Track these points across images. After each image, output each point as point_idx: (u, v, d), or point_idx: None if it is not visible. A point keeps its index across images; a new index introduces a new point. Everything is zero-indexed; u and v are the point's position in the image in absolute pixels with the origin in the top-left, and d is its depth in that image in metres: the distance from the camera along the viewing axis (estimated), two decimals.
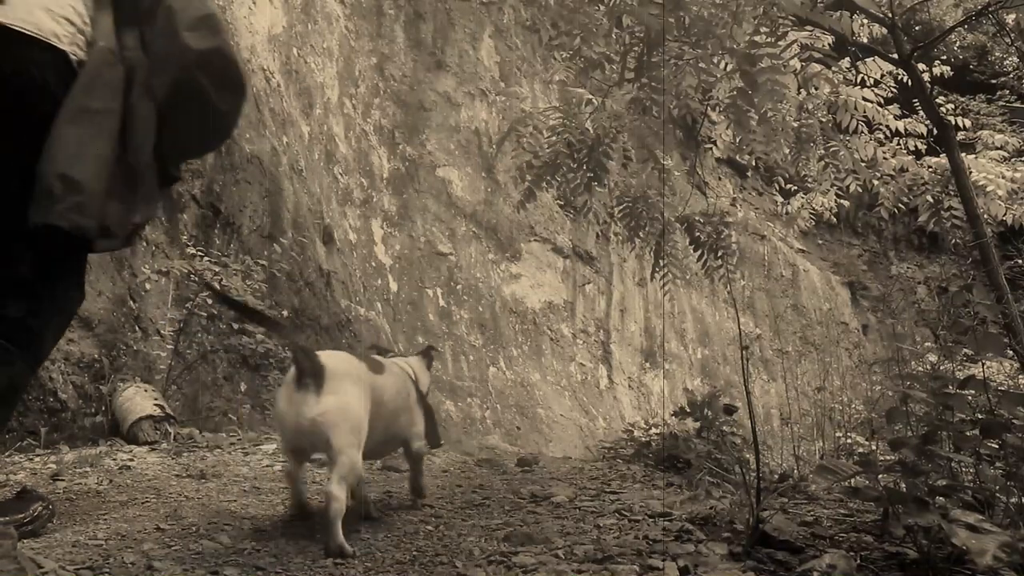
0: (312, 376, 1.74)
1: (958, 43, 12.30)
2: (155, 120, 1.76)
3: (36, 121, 1.57)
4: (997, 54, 12.23)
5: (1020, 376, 4.73)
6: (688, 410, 3.44)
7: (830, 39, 4.64)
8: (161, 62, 1.76)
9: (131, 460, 2.94)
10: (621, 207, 4.85)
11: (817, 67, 4.53)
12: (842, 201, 6.49)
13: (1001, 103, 11.19)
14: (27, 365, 1.73)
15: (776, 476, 2.78)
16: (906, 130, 5.41)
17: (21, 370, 1.71)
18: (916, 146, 5.52)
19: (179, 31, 1.75)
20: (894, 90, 5.23)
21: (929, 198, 5.46)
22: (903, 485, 1.54)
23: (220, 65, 1.82)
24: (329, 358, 1.80)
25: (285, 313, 4.80)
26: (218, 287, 3.59)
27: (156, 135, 1.77)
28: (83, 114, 1.61)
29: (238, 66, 1.91)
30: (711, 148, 5.99)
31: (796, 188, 6.80)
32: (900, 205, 5.62)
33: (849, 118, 5.05)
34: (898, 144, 5.53)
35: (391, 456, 2.74)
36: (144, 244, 4.06)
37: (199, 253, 4.18)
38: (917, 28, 10.55)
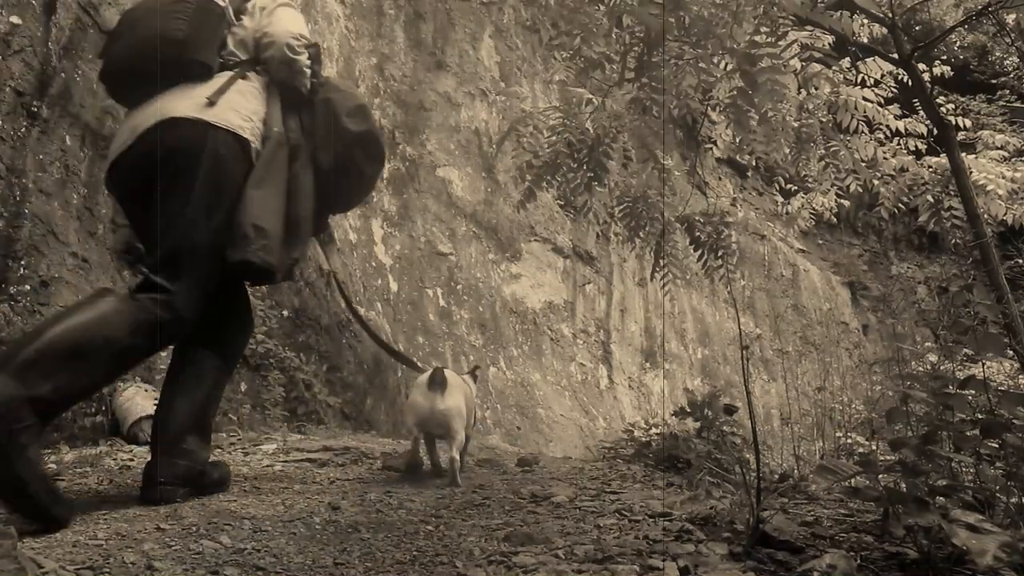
0: (440, 384, 2.62)
1: (958, 43, 12.30)
2: (313, 184, 2.36)
3: (228, 186, 2.19)
4: (997, 54, 12.23)
5: (1020, 376, 4.73)
6: (688, 410, 3.44)
7: (830, 39, 4.64)
8: (325, 140, 2.38)
9: (131, 460, 2.94)
10: (621, 207, 4.86)
11: (817, 67, 4.53)
12: (842, 201, 6.49)
13: (1001, 103, 11.20)
14: (226, 367, 2.44)
15: (776, 476, 2.78)
16: (906, 130, 5.41)
17: (223, 370, 2.41)
18: (916, 146, 5.52)
19: (340, 117, 2.40)
20: (894, 90, 5.24)
21: (929, 198, 5.46)
22: (903, 485, 1.54)
23: (371, 143, 2.50)
24: (449, 374, 2.69)
25: (286, 313, 4.80)
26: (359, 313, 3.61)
27: (316, 195, 2.36)
28: (264, 181, 2.23)
29: (382, 142, 2.62)
30: (711, 148, 5.99)
31: (796, 188, 6.80)
32: (900, 205, 5.62)
33: (849, 118, 5.05)
34: (898, 144, 5.53)
35: (391, 456, 3.20)
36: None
37: None
38: (917, 28, 10.56)
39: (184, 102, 2.17)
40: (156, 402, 3.05)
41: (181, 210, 2.14)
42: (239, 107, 2.24)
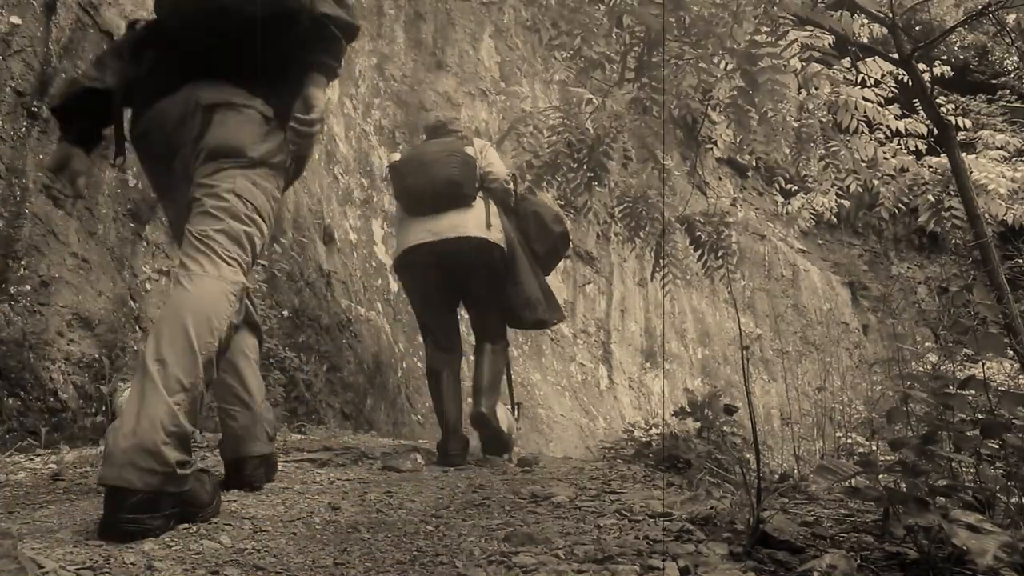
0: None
1: (958, 43, 12.31)
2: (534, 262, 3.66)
3: (501, 275, 3.51)
4: (997, 54, 12.24)
5: (1020, 376, 4.73)
6: (688, 410, 3.44)
7: (830, 39, 4.64)
8: (538, 238, 3.63)
9: None
10: (621, 207, 4.86)
11: (817, 67, 4.53)
12: (842, 201, 6.50)
13: (1001, 103, 11.20)
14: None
15: (777, 476, 2.78)
16: (906, 130, 5.41)
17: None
18: (916, 146, 5.52)
19: (547, 223, 3.66)
20: (894, 90, 5.24)
21: (930, 198, 5.46)
22: (903, 485, 1.54)
23: (566, 237, 3.81)
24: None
25: (286, 313, 4.80)
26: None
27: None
28: (525, 269, 3.54)
29: (569, 233, 3.92)
30: (711, 148, 5.98)
31: (796, 188, 6.80)
32: (900, 205, 5.62)
33: (849, 118, 5.05)
34: (898, 144, 5.53)
35: (392, 456, 3.23)
36: (144, 244, 4.06)
37: None
38: (917, 28, 10.56)
39: (469, 223, 3.36)
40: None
41: (483, 291, 3.52)
42: (496, 225, 3.44)
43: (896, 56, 4.65)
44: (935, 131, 4.77)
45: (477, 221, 3.33)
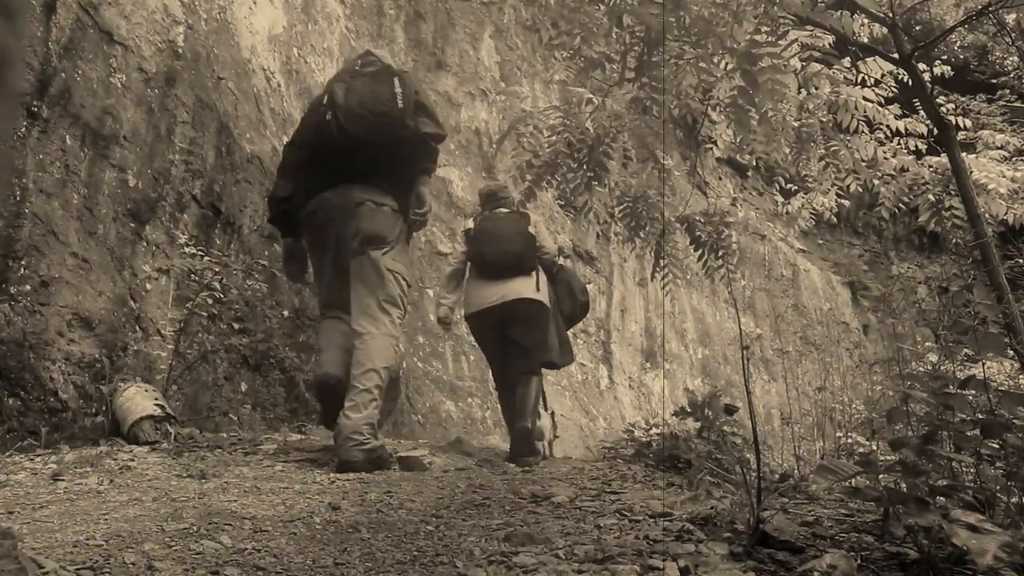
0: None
1: (958, 43, 12.30)
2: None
3: (541, 324, 4.22)
4: (997, 54, 12.22)
5: (1020, 376, 4.73)
6: (688, 410, 3.43)
7: (830, 39, 4.63)
8: (566, 302, 4.39)
9: (132, 460, 2.94)
10: (621, 207, 4.85)
11: (817, 67, 4.53)
12: (843, 201, 6.49)
13: (1002, 103, 11.18)
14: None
15: (777, 476, 2.78)
16: (906, 130, 5.40)
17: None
18: (916, 146, 5.52)
19: (575, 293, 4.43)
20: (894, 90, 5.23)
21: (930, 197, 5.45)
22: (904, 485, 1.53)
23: (588, 306, 4.57)
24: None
25: (286, 313, 4.80)
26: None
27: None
28: (551, 319, 4.30)
29: (589, 302, 4.70)
30: (711, 148, 5.97)
31: (796, 188, 6.80)
32: (901, 205, 5.61)
33: (849, 118, 5.04)
34: (898, 144, 5.52)
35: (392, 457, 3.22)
36: (144, 244, 4.06)
37: (200, 253, 4.18)
38: (917, 28, 10.55)
39: (528, 288, 4.15)
40: (157, 402, 3.27)
41: (530, 335, 4.16)
42: (543, 289, 4.21)
43: (896, 56, 4.64)
44: (935, 131, 4.77)
45: (532, 286, 4.17)
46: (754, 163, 9.58)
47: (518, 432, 3.96)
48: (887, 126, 5.32)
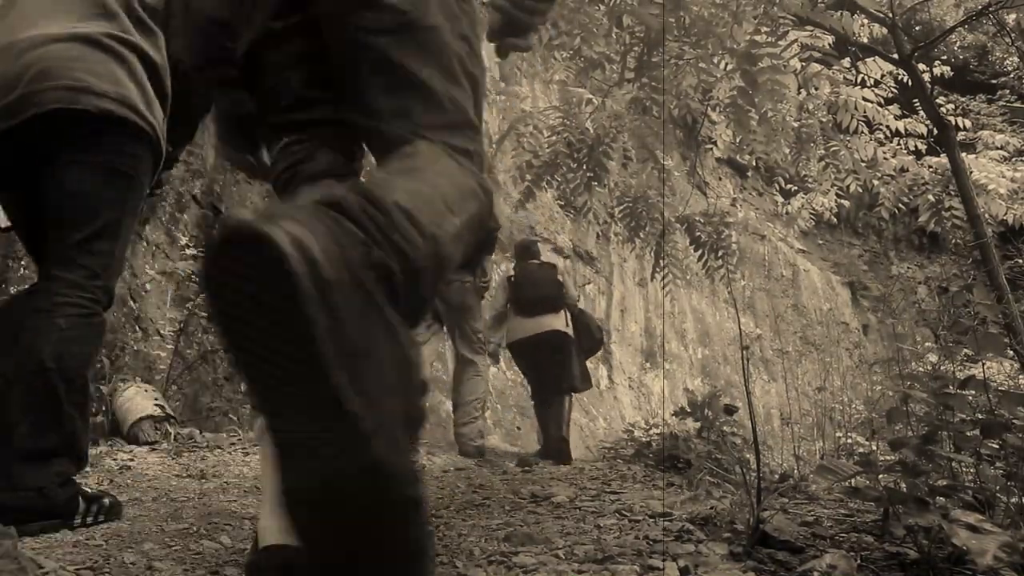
0: None
1: (958, 43, 12.31)
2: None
3: (567, 352, 5.06)
4: (997, 54, 12.24)
5: (1020, 376, 4.73)
6: (688, 410, 3.44)
7: (830, 39, 4.63)
8: (584, 337, 5.04)
9: (131, 460, 2.94)
10: (621, 207, 4.86)
11: (817, 67, 4.53)
12: (842, 201, 6.49)
13: (1001, 103, 11.19)
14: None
15: (777, 476, 2.77)
16: (906, 130, 5.40)
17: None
18: (916, 146, 5.52)
19: (592, 331, 5.12)
20: (894, 90, 5.23)
21: (930, 198, 5.46)
22: (903, 485, 1.53)
23: (601, 345, 5.37)
24: None
25: None
26: None
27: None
28: (573, 350, 5.10)
29: (603, 342, 5.54)
30: (711, 148, 5.98)
31: (796, 188, 6.80)
32: (900, 205, 5.62)
33: (849, 118, 5.04)
34: (898, 144, 5.53)
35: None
36: (144, 244, 4.06)
37: (200, 253, 4.18)
38: (917, 28, 10.56)
39: (557, 323, 4.80)
40: (157, 402, 3.23)
41: (559, 361, 4.79)
42: (569, 325, 4.86)
43: (896, 56, 4.65)
44: (935, 131, 4.77)
45: (561, 321, 4.90)
46: (754, 163, 9.58)
47: (555, 441, 4.72)
48: (887, 126, 5.32)
